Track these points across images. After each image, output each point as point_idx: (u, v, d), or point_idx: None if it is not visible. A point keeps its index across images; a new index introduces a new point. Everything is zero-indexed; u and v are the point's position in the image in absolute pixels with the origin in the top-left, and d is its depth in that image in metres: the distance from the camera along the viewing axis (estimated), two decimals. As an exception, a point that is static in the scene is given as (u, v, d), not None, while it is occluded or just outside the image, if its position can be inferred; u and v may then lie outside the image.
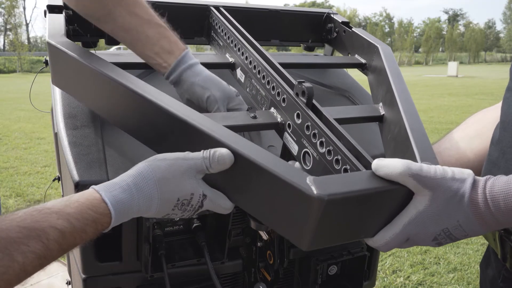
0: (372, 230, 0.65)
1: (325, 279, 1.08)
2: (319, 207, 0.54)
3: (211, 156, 0.62)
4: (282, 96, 0.84)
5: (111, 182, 0.59)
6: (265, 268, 1.02)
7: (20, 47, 35.29)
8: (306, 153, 0.78)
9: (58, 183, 1.33)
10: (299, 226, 0.58)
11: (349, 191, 0.56)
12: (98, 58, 0.81)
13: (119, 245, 0.85)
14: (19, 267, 0.48)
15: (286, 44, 1.37)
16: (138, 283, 0.91)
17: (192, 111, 0.71)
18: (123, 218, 0.59)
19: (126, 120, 0.80)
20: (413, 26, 79.09)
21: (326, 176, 0.59)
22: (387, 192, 0.59)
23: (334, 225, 0.59)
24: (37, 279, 2.45)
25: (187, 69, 0.89)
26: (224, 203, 0.65)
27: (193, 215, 0.66)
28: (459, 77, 22.74)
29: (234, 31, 1.06)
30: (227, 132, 0.67)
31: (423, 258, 2.84)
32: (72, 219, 0.53)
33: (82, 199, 0.55)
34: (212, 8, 1.17)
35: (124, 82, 0.75)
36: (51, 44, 0.83)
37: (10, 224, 0.49)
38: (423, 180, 0.57)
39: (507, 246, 0.73)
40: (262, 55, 0.95)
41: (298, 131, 0.80)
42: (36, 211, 0.52)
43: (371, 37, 1.15)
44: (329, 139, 0.72)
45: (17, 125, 7.57)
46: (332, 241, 0.66)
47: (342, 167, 0.70)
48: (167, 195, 0.60)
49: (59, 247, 0.51)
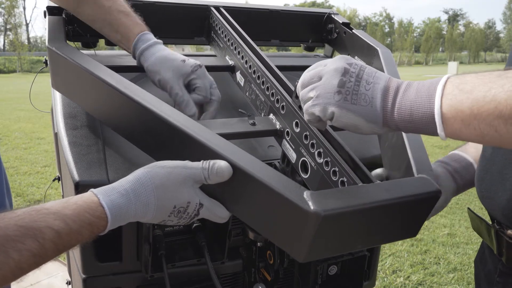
0: (368, 242, 0.66)
1: (325, 279, 1.08)
2: (316, 222, 0.56)
3: (210, 168, 0.63)
4: (281, 104, 0.84)
5: (109, 187, 0.60)
6: (265, 268, 1.02)
7: (20, 47, 35.32)
8: (304, 162, 0.79)
9: (58, 183, 1.33)
10: (296, 239, 0.59)
11: (345, 206, 0.57)
12: (96, 64, 0.80)
13: (119, 245, 0.85)
14: (15, 264, 0.49)
15: (286, 44, 1.37)
16: (138, 283, 0.91)
17: (189, 120, 0.71)
18: (120, 222, 0.60)
19: (124, 127, 0.80)
20: (413, 26, 79.13)
21: (322, 191, 0.60)
22: (384, 207, 0.60)
23: (330, 238, 0.61)
24: (37, 279, 2.45)
25: (140, 56, 0.90)
26: (220, 212, 0.66)
27: (189, 222, 0.66)
28: (459, 77, 22.68)
29: (233, 33, 1.06)
30: (225, 144, 0.67)
31: (423, 258, 2.84)
32: (69, 220, 0.54)
33: (80, 201, 0.56)
34: (212, 9, 1.17)
35: (123, 89, 0.74)
36: (51, 49, 0.83)
37: (8, 222, 0.50)
38: None
39: (503, 241, 0.74)
40: (261, 59, 0.95)
41: (297, 140, 0.80)
42: (34, 210, 0.53)
43: (371, 39, 1.15)
44: (327, 150, 0.73)
45: (17, 125, 7.57)
46: (329, 252, 0.67)
47: (339, 179, 0.71)
48: (164, 202, 0.61)
49: (54, 247, 0.53)
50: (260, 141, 0.99)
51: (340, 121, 0.61)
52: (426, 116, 0.55)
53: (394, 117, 0.58)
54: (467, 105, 0.51)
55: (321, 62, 0.67)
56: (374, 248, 1.16)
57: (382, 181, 0.68)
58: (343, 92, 0.59)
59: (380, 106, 0.58)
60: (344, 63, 0.61)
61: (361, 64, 0.62)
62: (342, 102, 0.59)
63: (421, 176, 0.68)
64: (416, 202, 0.63)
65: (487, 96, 0.49)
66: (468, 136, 0.53)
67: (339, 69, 0.61)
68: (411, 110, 0.56)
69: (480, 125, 0.50)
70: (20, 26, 47.03)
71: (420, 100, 0.55)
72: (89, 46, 1.11)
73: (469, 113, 0.51)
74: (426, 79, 0.58)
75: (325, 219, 0.55)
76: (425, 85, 0.56)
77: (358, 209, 0.58)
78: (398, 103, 0.57)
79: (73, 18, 1.02)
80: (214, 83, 0.92)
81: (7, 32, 47.93)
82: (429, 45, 62.07)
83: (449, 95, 0.53)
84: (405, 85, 0.58)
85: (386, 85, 0.59)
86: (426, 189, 0.64)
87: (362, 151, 1.04)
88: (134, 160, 0.81)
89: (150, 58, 0.89)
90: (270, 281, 1.02)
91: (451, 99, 0.53)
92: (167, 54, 0.89)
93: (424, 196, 0.63)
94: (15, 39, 39.19)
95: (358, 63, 0.62)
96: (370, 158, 1.03)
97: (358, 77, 0.60)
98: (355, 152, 0.72)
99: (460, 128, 0.53)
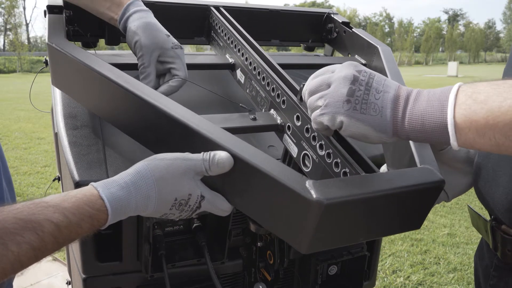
0: (371, 233, 0.65)
1: (325, 279, 1.08)
2: (318, 211, 0.55)
3: (211, 159, 0.62)
4: (282, 98, 0.84)
5: (109, 180, 0.60)
6: (265, 268, 1.02)
7: (20, 47, 35.29)
8: (306, 155, 0.78)
9: (58, 183, 1.33)
10: (298, 230, 0.58)
11: (348, 195, 0.56)
12: (97, 59, 0.81)
13: (119, 245, 0.86)
14: (14, 257, 0.49)
15: (286, 44, 1.37)
16: (138, 283, 0.91)
17: (190, 113, 0.71)
18: (120, 216, 0.59)
19: (125, 122, 0.80)
20: (413, 26, 79.12)
21: (325, 180, 0.59)
22: (387, 196, 0.59)
23: (333, 228, 0.60)
24: (37, 279, 2.45)
25: (129, 17, 0.89)
26: (222, 205, 0.66)
27: (191, 216, 0.66)
28: (459, 77, 22.73)
29: (234, 31, 1.06)
30: (226, 135, 0.66)
31: (423, 258, 2.84)
32: (68, 213, 0.53)
33: (80, 194, 0.56)
34: (212, 8, 1.17)
35: (123, 83, 0.75)
36: (51, 45, 0.83)
37: (7, 215, 0.50)
38: None
39: (498, 236, 0.75)
40: (262, 56, 0.95)
41: (298, 133, 0.80)
42: (33, 204, 0.53)
43: (371, 37, 1.15)
44: (329, 142, 0.73)
45: (17, 125, 7.57)
46: (331, 244, 0.66)
47: (341, 170, 0.70)
48: (165, 194, 0.61)
49: (54, 240, 0.52)
50: (260, 141, 0.99)
51: (348, 131, 0.60)
52: (438, 125, 0.55)
53: (404, 127, 0.57)
54: (481, 115, 0.51)
55: (328, 68, 0.66)
56: (374, 248, 1.16)
57: (385, 172, 0.67)
58: (352, 101, 0.59)
59: (390, 116, 0.58)
60: (353, 71, 0.61)
61: (370, 72, 0.62)
62: (351, 111, 0.59)
63: (424, 166, 0.67)
64: (419, 192, 0.62)
65: (503, 107, 0.49)
66: (482, 145, 0.53)
67: (349, 77, 0.60)
68: (423, 120, 0.56)
69: (495, 135, 0.51)
70: (20, 26, 47.04)
71: (431, 110, 0.55)
72: (89, 46, 1.11)
73: (484, 123, 0.51)
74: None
75: (328, 208, 0.55)
76: (436, 94, 0.56)
77: (361, 198, 0.57)
78: (409, 113, 0.57)
79: (73, 17, 1.02)
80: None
81: (7, 32, 47.96)
82: (429, 45, 62.06)
83: (463, 104, 0.53)
84: (415, 94, 0.58)
85: (396, 94, 0.59)
86: (430, 179, 0.63)
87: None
88: (134, 160, 0.80)
89: (136, 21, 0.88)
90: (270, 281, 1.02)
91: (464, 109, 0.53)
92: (155, 23, 0.89)
93: (427, 186, 0.63)
94: (15, 39, 39.17)
95: (367, 70, 0.62)
96: (370, 158, 1.03)
97: (367, 85, 0.59)
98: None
99: (474, 138, 0.53)
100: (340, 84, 0.60)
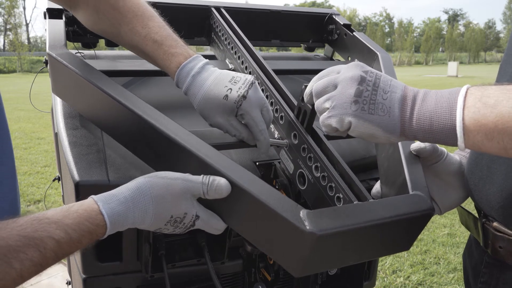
0: (362, 257, 0.68)
1: (325, 279, 1.08)
2: (311, 242, 0.57)
3: (209, 184, 0.64)
4: (280, 114, 0.85)
5: (109, 194, 0.62)
6: (265, 268, 1.03)
7: (20, 47, 35.29)
8: (302, 174, 0.80)
9: (58, 183, 1.33)
10: (292, 256, 0.61)
11: (339, 226, 0.59)
12: (97, 72, 0.79)
13: (120, 245, 0.86)
14: (16, 273, 0.51)
15: (286, 44, 1.38)
16: (138, 283, 0.91)
17: (186, 132, 0.70)
18: (118, 229, 0.61)
19: (124, 138, 0.80)
20: (413, 26, 79.10)
21: (318, 210, 0.61)
22: (378, 225, 0.61)
23: (325, 255, 0.62)
24: (37, 279, 2.44)
25: (186, 92, 0.81)
26: (216, 224, 0.67)
27: (184, 232, 0.68)
28: (459, 77, 22.73)
29: (234, 36, 1.06)
30: (225, 160, 0.67)
31: (423, 258, 2.84)
32: (70, 230, 0.55)
33: (81, 210, 0.58)
34: (213, 9, 1.17)
35: (124, 102, 0.73)
36: (52, 56, 0.83)
37: (11, 232, 0.52)
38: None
39: (489, 233, 0.75)
40: (261, 66, 0.96)
41: (295, 151, 0.81)
42: (36, 220, 0.54)
43: (372, 43, 1.15)
44: (324, 166, 0.74)
45: (17, 125, 7.57)
46: (322, 268, 0.70)
47: (335, 195, 0.72)
48: (162, 211, 0.63)
49: (55, 256, 0.54)
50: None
51: (357, 131, 0.60)
52: (447, 127, 0.55)
53: (412, 126, 0.58)
54: (491, 119, 0.52)
55: (333, 69, 0.66)
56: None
57: (377, 199, 0.69)
58: (360, 102, 0.59)
59: (398, 115, 0.58)
60: (360, 71, 0.61)
61: (376, 72, 0.62)
62: (359, 112, 0.59)
63: (416, 193, 0.69)
64: (410, 220, 0.65)
65: None
66: (489, 148, 0.54)
67: (356, 77, 0.60)
68: (431, 120, 0.56)
69: (504, 139, 0.52)
70: (20, 26, 46.98)
71: (440, 111, 0.56)
72: (89, 46, 1.11)
73: (493, 127, 0.52)
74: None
75: (320, 239, 0.57)
76: (445, 95, 0.57)
77: (352, 228, 0.59)
78: (417, 113, 0.57)
79: (73, 19, 1.02)
80: (266, 104, 0.80)
81: (7, 32, 47.95)
82: (429, 45, 62.02)
83: (472, 107, 0.54)
84: (422, 94, 0.58)
85: (403, 94, 0.59)
86: (420, 207, 0.66)
87: (362, 152, 1.04)
88: (134, 160, 0.80)
89: (195, 101, 0.80)
90: (270, 281, 1.02)
91: (474, 111, 0.53)
92: (208, 90, 0.78)
93: (418, 214, 0.65)
94: (15, 39, 39.15)
95: (373, 70, 0.62)
96: (371, 158, 1.03)
97: (375, 85, 0.59)
98: (355, 152, 0.73)
99: (482, 141, 0.53)
100: (347, 85, 0.60)
